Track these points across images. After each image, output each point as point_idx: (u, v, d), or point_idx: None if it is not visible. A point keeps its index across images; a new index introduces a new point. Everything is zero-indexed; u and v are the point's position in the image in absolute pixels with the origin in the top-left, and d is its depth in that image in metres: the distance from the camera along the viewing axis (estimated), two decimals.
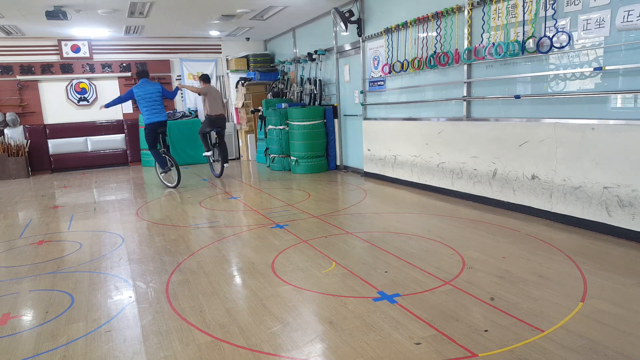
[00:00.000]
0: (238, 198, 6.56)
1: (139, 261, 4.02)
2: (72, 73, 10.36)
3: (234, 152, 11.30)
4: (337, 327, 2.64)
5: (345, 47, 8.11)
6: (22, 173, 9.65)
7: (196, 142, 10.64)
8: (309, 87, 9.12)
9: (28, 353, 2.56)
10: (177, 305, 3.07)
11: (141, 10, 7.80)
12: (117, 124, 10.82)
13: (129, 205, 6.48)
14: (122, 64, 10.72)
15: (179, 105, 11.37)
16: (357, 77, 7.78)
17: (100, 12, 7.66)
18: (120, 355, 2.49)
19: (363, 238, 4.36)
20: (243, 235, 4.74)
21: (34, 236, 5.05)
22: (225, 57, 11.46)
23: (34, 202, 7.06)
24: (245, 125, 10.66)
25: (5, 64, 9.81)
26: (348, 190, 6.92)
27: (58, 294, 3.39)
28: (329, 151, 8.65)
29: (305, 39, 9.59)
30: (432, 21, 5.89)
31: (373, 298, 3.00)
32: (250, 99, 10.41)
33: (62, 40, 10.11)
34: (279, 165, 8.90)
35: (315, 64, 9.01)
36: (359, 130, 7.86)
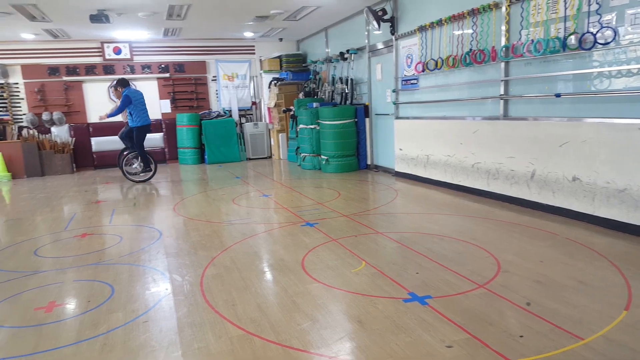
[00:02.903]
0: (269, 196, 6.64)
1: (176, 255, 4.14)
2: (114, 74, 10.73)
3: (266, 151, 11.43)
4: (367, 327, 2.63)
5: (377, 46, 8.06)
6: (67, 169, 10.08)
7: (230, 140, 10.83)
8: (341, 86, 9.12)
9: (71, 339, 2.68)
10: (211, 299, 3.14)
11: (179, 13, 8.01)
12: (156, 123, 11.13)
13: (166, 201, 6.67)
14: (161, 65, 11.03)
15: (214, 105, 11.59)
16: (390, 76, 7.72)
17: (140, 14, 7.91)
18: (156, 345, 2.58)
19: (393, 238, 4.33)
20: (274, 232, 4.80)
21: (78, 229, 5.28)
22: (258, 57, 11.60)
23: (78, 197, 7.37)
24: (277, 125, 10.77)
25: (53, 66, 10.28)
26: (378, 190, 6.88)
27: (99, 284, 3.53)
28: (359, 150, 8.62)
29: (337, 39, 9.59)
30: (468, 18, 5.78)
31: (403, 299, 2.97)
32: (283, 99, 10.51)
33: (104, 43, 10.50)
34: (310, 164, 8.94)
35: (347, 63, 9.00)
36: (390, 129, 7.81)
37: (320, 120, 8.51)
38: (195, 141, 10.77)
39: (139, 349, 2.54)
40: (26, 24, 7.97)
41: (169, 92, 11.21)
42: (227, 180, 8.25)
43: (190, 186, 8.10)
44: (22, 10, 7.04)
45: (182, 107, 11.30)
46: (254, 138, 11.27)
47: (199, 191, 7.49)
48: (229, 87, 11.54)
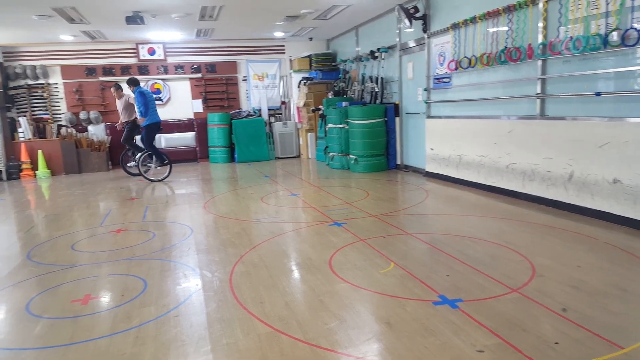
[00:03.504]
0: (298, 195, 6.65)
1: (206, 251, 4.20)
2: (148, 74, 11.01)
3: (294, 150, 11.48)
4: (395, 329, 2.60)
5: (409, 44, 7.97)
6: (103, 167, 10.40)
7: (259, 139, 10.93)
8: (370, 85, 9.06)
9: (105, 332, 2.76)
10: (240, 295, 3.17)
11: (211, 14, 8.13)
12: (188, 123, 11.36)
13: (197, 199, 6.79)
14: (193, 65, 11.24)
15: (244, 105, 11.72)
16: (421, 75, 7.62)
17: (173, 16, 8.08)
18: (186, 339, 2.62)
19: (424, 240, 4.26)
20: (302, 231, 4.80)
21: (113, 225, 5.43)
22: (288, 57, 11.66)
23: (113, 193, 7.59)
24: (306, 124, 10.79)
25: (90, 66, 10.62)
26: (408, 190, 6.80)
27: (133, 279, 3.62)
28: (389, 150, 8.54)
29: (367, 37, 9.54)
30: (503, 15, 5.63)
31: (433, 302, 2.92)
32: (312, 98, 10.52)
33: (139, 44, 10.78)
34: (338, 164, 8.92)
35: (378, 62, 8.93)
36: (421, 128, 7.70)
37: (349, 120, 8.48)
38: (225, 140, 10.92)
39: (169, 342, 2.59)
40: (65, 26, 8.26)
41: (200, 92, 11.40)
42: (256, 179, 8.33)
43: (220, 184, 8.22)
44: (61, 13, 7.30)
45: (214, 107, 11.47)
46: (283, 137, 11.34)
47: (229, 189, 7.59)
48: (259, 87, 11.65)
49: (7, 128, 9.90)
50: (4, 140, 9.71)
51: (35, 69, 10.24)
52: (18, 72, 10.13)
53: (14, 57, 10.16)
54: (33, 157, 9.91)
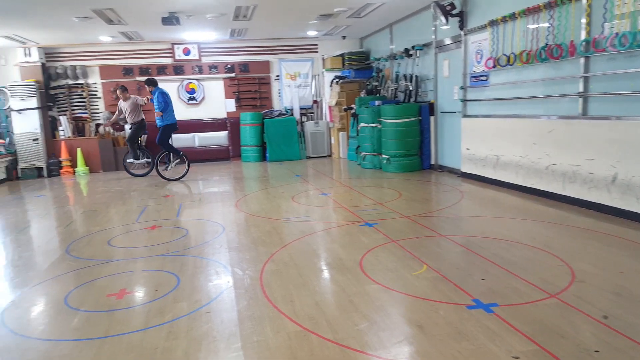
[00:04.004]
0: (328, 195, 6.63)
1: (237, 249, 4.24)
2: (183, 74, 11.23)
3: (326, 150, 11.46)
4: (427, 332, 2.54)
5: (445, 42, 7.81)
6: None
7: (291, 139, 10.96)
8: (404, 83, 8.94)
9: (139, 326, 2.82)
10: (270, 294, 3.18)
11: (245, 14, 8.21)
12: (221, 122, 11.53)
13: (229, 197, 6.87)
14: (227, 65, 11.39)
15: (276, 104, 11.79)
16: (457, 73, 7.45)
17: (208, 16, 8.20)
18: (217, 335, 2.64)
19: (458, 242, 4.16)
20: (332, 231, 4.78)
21: (148, 221, 5.56)
22: (321, 56, 11.65)
23: (148, 191, 7.78)
24: (338, 123, 10.76)
25: (127, 67, 10.93)
26: (443, 191, 6.67)
27: (166, 274, 3.69)
28: (423, 150, 8.40)
29: (402, 35, 9.41)
30: (544, 11, 5.43)
31: (467, 305, 2.84)
32: (344, 97, 10.47)
33: (175, 44, 11.01)
34: (370, 164, 8.84)
35: (412, 60, 8.80)
36: (457, 128, 7.53)
37: (382, 119, 8.39)
38: (257, 139, 11.02)
39: (201, 338, 2.62)
40: (104, 27, 8.52)
41: (234, 91, 11.54)
42: (287, 178, 8.36)
43: (252, 183, 8.29)
44: (101, 15, 7.54)
45: (246, 107, 11.59)
46: (315, 136, 11.34)
47: (260, 188, 7.65)
48: (291, 86, 11.70)
49: (48, 126, 10.32)
50: (45, 138, 10.12)
51: (75, 69, 10.62)
52: (59, 72, 10.54)
53: (55, 57, 10.58)
54: (72, 155, 10.30)
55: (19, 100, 9.77)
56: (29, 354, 2.56)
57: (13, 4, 6.52)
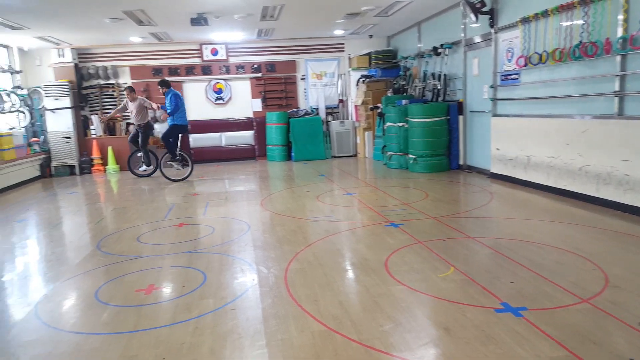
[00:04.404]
0: (354, 194, 6.60)
1: (262, 248, 4.26)
2: (211, 74, 11.39)
3: (351, 149, 11.41)
4: (453, 335, 2.50)
5: (474, 40, 7.67)
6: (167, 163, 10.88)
7: (316, 138, 10.96)
8: (433, 82, 8.82)
9: (167, 321, 2.87)
10: (294, 292, 3.18)
11: (272, 14, 8.26)
12: (248, 122, 11.63)
13: (254, 196, 6.93)
14: (254, 65, 11.48)
15: (302, 103, 11.82)
16: (487, 71, 7.31)
17: (236, 17, 8.29)
18: (242, 332, 2.66)
19: (486, 244, 4.08)
20: (357, 231, 4.75)
21: (176, 219, 5.66)
22: (347, 55, 11.62)
23: (177, 189, 7.92)
24: (364, 123, 10.70)
25: (157, 67, 11.15)
26: (471, 192, 6.55)
27: (193, 271, 3.74)
28: (451, 150, 8.27)
29: (430, 33, 9.29)
30: (579, 8, 5.26)
31: (495, 309, 2.78)
32: (370, 96, 10.41)
33: (203, 45, 11.17)
34: (396, 163, 8.76)
35: (441, 58, 8.67)
36: (486, 127, 7.38)
37: (409, 118, 8.30)
38: (283, 139, 11.07)
39: (227, 334, 2.65)
40: (134, 28, 8.72)
41: (260, 91, 11.63)
42: (312, 178, 8.37)
43: (277, 182, 8.34)
44: (131, 16, 7.72)
45: (272, 106, 11.66)
46: (340, 136, 11.31)
47: (285, 187, 7.68)
48: (317, 86, 11.70)
49: (80, 125, 10.63)
50: (77, 137, 10.43)
51: (107, 69, 10.91)
52: (91, 72, 10.86)
53: (87, 58, 10.89)
54: (103, 153, 10.58)
55: (53, 100, 10.10)
56: (61, 346, 2.63)
57: (48, 6, 6.74)
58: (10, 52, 9.82)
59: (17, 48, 9.87)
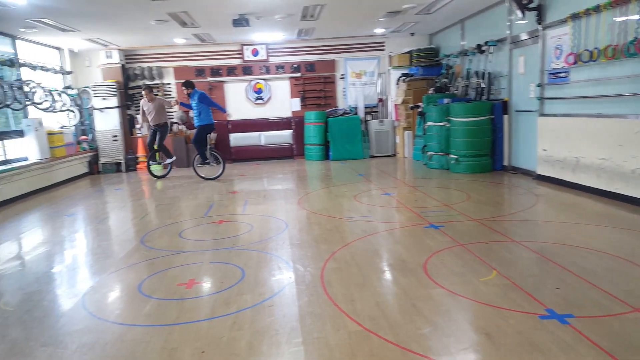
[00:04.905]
0: (392, 195, 6.52)
1: (299, 246, 4.28)
2: (251, 74, 11.56)
3: (390, 149, 11.28)
4: (495, 341, 2.42)
5: (520, 37, 7.41)
6: None
7: (354, 138, 10.91)
8: (476, 80, 8.59)
9: (206, 315, 2.93)
10: (331, 292, 3.17)
11: (312, 13, 8.29)
12: (286, 121, 11.73)
13: (292, 195, 6.97)
14: (293, 65, 11.56)
15: (340, 103, 11.80)
16: (534, 69, 7.04)
17: (277, 17, 8.37)
18: (279, 329, 2.68)
19: (531, 248, 3.92)
20: (395, 232, 4.69)
21: (216, 216, 5.77)
22: (388, 53, 11.49)
23: (217, 187, 8.09)
24: (404, 122, 10.55)
25: (200, 67, 11.43)
26: (516, 194, 6.33)
27: (232, 267, 3.80)
28: (495, 150, 8.02)
29: (474, 30, 9.06)
30: (634, 2, 4.97)
31: (540, 315, 2.67)
32: (411, 95, 10.25)
33: (244, 45, 11.35)
34: (437, 164, 8.59)
35: (485, 56, 8.43)
36: (533, 127, 7.11)
37: (451, 117, 8.12)
38: (321, 138, 11.09)
39: (264, 330, 2.67)
40: (178, 29, 8.96)
41: (299, 90, 11.70)
42: (349, 177, 8.33)
43: (314, 181, 8.36)
44: (175, 18, 7.94)
45: (311, 105, 11.70)
46: (379, 135, 11.21)
47: (322, 187, 7.68)
48: (356, 85, 11.65)
49: (126, 124, 11.04)
50: (123, 136, 10.84)
51: (152, 70, 11.28)
52: (137, 73, 11.26)
53: (133, 59, 11.29)
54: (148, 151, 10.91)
55: (101, 100, 10.56)
56: (105, 336, 2.73)
57: (98, 9, 7.03)
58: (61, 54, 10.33)
59: (68, 50, 10.37)
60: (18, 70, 8.35)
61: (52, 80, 9.71)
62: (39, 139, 8.54)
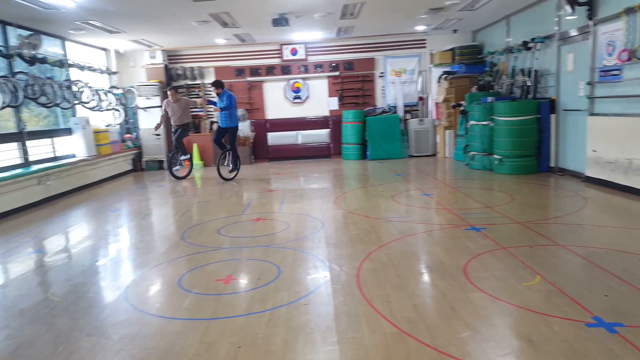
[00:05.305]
0: (431, 195, 6.39)
1: (335, 246, 4.26)
2: (290, 74, 11.63)
3: (430, 149, 11.07)
4: (537, 347, 2.32)
5: (569, 33, 7.09)
6: (247, 160, 11.30)
7: (393, 137, 10.78)
8: (522, 78, 8.29)
9: (243, 311, 2.97)
10: (367, 292, 3.14)
11: (352, 12, 8.24)
12: (324, 120, 11.73)
13: (328, 194, 6.96)
14: (332, 63, 11.54)
15: (379, 101, 11.69)
16: (584, 66, 6.72)
17: (316, 16, 8.37)
18: (315, 328, 2.67)
19: (578, 253, 3.74)
20: (434, 233, 4.59)
21: (253, 214, 5.84)
22: (429, 51, 11.28)
23: (255, 185, 8.19)
24: (445, 121, 10.33)
25: (239, 67, 11.60)
26: (562, 197, 6.07)
27: (268, 264, 3.83)
28: (541, 150, 7.71)
29: (520, 27, 8.75)
30: None
31: (586, 323, 2.55)
32: (452, 94, 10.02)
33: (283, 45, 11.44)
34: (479, 164, 8.35)
35: (531, 53, 8.13)
36: (582, 127, 6.79)
37: (494, 116, 7.88)
38: (358, 137, 11.01)
39: (299, 328, 2.67)
40: (219, 30, 9.12)
41: (337, 89, 11.67)
42: (387, 177, 8.24)
43: (351, 181, 8.32)
44: (217, 18, 8.09)
45: (349, 104, 11.65)
46: (418, 134, 11.02)
47: (359, 186, 7.63)
48: (396, 83, 11.50)
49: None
50: (166, 134, 11.13)
51: (193, 70, 11.55)
52: (179, 73, 11.56)
53: (176, 60, 11.60)
54: (189, 150, 11.19)
55: (145, 99, 10.91)
56: (145, 328, 2.81)
57: (143, 10, 7.25)
58: (108, 55, 10.74)
59: (114, 51, 10.77)
60: (67, 71, 8.74)
61: (99, 80, 10.12)
62: (86, 137, 8.92)
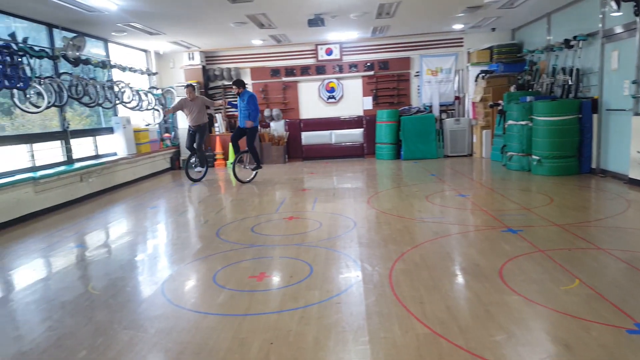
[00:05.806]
0: (467, 196, 6.27)
1: (367, 245, 4.25)
2: (325, 74, 11.66)
3: (466, 149, 10.85)
4: (575, 353, 2.26)
5: (614, 30, 6.80)
6: (281, 159, 11.42)
7: (428, 137, 10.63)
8: (563, 77, 8.01)
9: (275, 308, 3.01)
10: (399, 292, 3.12)
11: (388, 11, 8.18)
12: (358, 120, 11.70)
13: (361, 194, 6.94)
14: (367, 63, 11.50)
15: (414, 101, 11.55)
16: (629, 65, 6.43)
17: (351, 16, 8.37)
18: (346, 327, 2.69)
19: (620, 257, 3.59)
20: (469, 235, 4.51)
21: (286, 212, 5.90)
22: (466, 50, 11.06)
23: (288, 184, 8.27)
24: (482, 120, 10.11)
25: (275, 68, 11.73)
26: (604, 199, 5.83)
27: (301, 263, 3.87)
28: (582, 151, 7.44)
29: (561, 24, 8.45)
30: None
31: (627, 329, 2.46)
32: (490, 93, 9.79)
33: (318, 45, 11.48)
34: (517, 165, 8.13)
35: (573, 52, 7.84)
36: (626, 127, 6.50)
37: (533, 116, 7.65)
38: (392, 137, 10.92)
39: (331, 327, 2.69)
40: (256, 31, 9.26)
41: (372, 89, 11.61)
42: (421, 177, 8.14)
43: (385, 181, 8.26)
44: (254, 19, 8.21)
45: (383, 104, 11.57)
46: (454, 134, 10.83)
47: (393, 186, 7.57)
48: (432, 82, 11.34)
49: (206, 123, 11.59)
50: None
51: (230, 71, 11.76)
52: (217, 74, 11.79)
53: (213, 61, 11.84)
54: (225, 149, 11.44)
55: None
56: (181, 322, 2.90)
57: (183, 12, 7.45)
58: (148, 56, 11.10)
59: (154, 52, 11.12)
60: (109, 72, 9.08)
61: (139, 81, 10.45)
62: (126, 136, 9.26)
